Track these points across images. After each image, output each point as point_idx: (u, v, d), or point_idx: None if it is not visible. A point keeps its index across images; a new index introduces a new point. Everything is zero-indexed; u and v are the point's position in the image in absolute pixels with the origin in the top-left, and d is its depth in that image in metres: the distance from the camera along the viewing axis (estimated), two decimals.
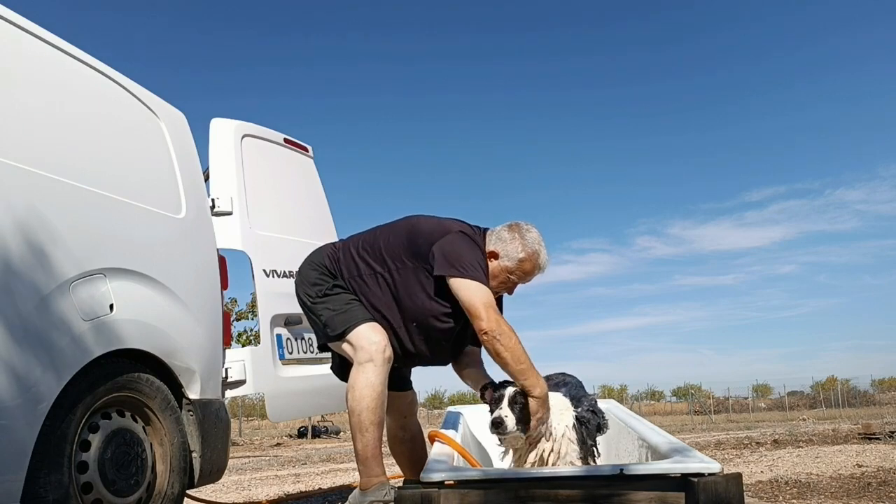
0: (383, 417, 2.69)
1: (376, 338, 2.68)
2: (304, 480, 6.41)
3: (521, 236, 2.77)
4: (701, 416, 33.60)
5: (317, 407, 4.87)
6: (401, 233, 2.82)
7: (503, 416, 2.51)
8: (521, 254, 2.75)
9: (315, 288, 2.84)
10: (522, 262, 2.75)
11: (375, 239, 2.85)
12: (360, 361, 2.66)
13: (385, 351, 2.66)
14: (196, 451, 2.74)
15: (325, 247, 3.01)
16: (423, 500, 2.11)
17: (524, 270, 2.77)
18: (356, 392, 2.63)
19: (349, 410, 2.66)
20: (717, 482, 1.98)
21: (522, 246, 2.75)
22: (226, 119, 3.96)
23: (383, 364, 2.65)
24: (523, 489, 2.11)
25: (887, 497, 3.65)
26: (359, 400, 2.62)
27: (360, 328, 2.71)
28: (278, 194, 4.16)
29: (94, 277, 2.31)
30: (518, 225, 2.81)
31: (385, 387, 2.66)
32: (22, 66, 2.33)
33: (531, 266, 2.77)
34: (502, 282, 2.78)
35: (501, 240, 2.78)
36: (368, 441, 2.63)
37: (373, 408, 2.61)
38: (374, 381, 2.62)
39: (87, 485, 2.22)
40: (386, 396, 2.67)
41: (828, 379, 44.98)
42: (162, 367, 2.61)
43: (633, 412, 3.36)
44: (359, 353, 2.68)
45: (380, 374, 2.63)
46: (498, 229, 2.83)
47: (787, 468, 5.11)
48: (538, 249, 2.77)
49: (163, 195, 2.85)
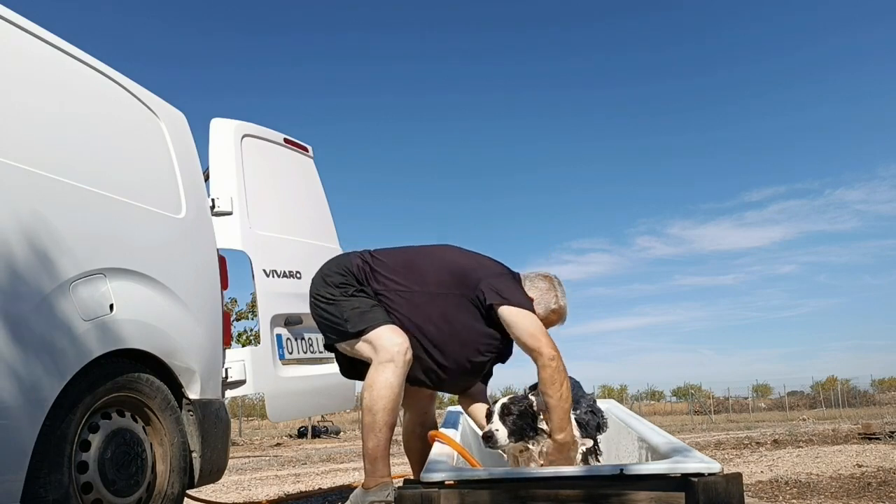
0: (395, 421, 2.70)
1: (398, 339, 2.67)
2: (304, 480, 6.41)
3: (556, 289, 2.91)
4: (701, 416, 33.60)
5: (317, 407, 4.87)
6: (442, 258, 2.90)
7: (493, 430, 2.58)
8: (554, 305, 2.88)
9: (339, 289, 2.82)
10: (553, 312, 2.89)
11: (411, 260, 2.89)
12: (381, 361, 2.65)
13: (406, 353, 2.66)
14: (196, 451, 2.74)
15: (352, 254, 3.00)
16: (424, 499, 2.11)
17: (551, 321, 2.89)
18: (374, 392, 2.62)
19: (364, 408, 2.65)
20: (717, 482, 1.98)
21: (556, 299, 2.89)
22: (226, 119, 3.96)
23: (404, 366, 2.65)
24: (523, 489, 2.11)
25: (887, 497, 3.65)
26: (376, 400, 2.61)
27: (381, 329, 2.70)
28: (278, 194, 4.15)
29: (94, 277, 2.30)
30: (552, 278, 2.95)
31: (402, 389, 2.67)
32: (22, 66, 2.33)
33: (557, 317, 2.92)
34: None
35: (538, 288, 2.89)
36: (380, 441, 2.64)
37: (389, 409, 2.62)
38: (393, 381, 2.62)
39: (87, 485, 2.22)
40: (401, 399, 2.69)
41: (828, 379, 45.05)
42: (162, 367, 2.61)
43: (633, 412, 3.36)
44: (380, 353, 2.67)
45: (399, 375, 2.63)
46: (533, 276, 2.94)
47: (787, 468, 5.11)
48: (565, 304, 2.93)
49: (163, 195, 2.85)
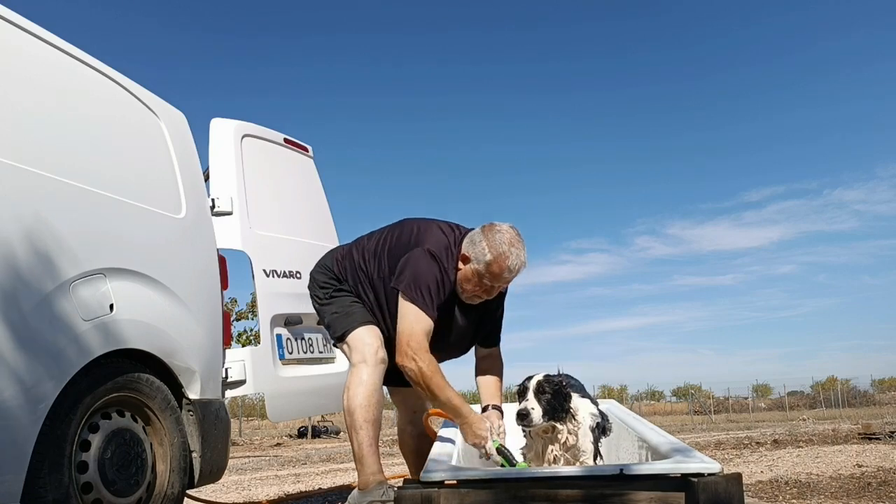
0: (378, 417, 2.73)
1: (369, 340, 2.77)
2: (304, 480, 6.41)
3: (488, 238, 2.66)
4: (701, 416, 33.59)
5: (317, 407, 4.87)
6: (393, 240, 2.87)
7: (529, 408, 2.49)
8: (487, 256, 2.64)
9: (322, 291, 2.96)
10: (490, 264, 2.64)
11: (375, 245, 2.91)
12: (354, 363, 2.76)
13: (377, 353, 2.75)
14: (196, 451, 2.75)
15: (335, 250, 3.11)
16: (423, 499, 2.10)
17: (493, 273, 2.66)
18: (349, 392, 2.71)
19: (344, 411, 2.74)
20: (717, 482, 1.98)
21: (489, 248, 2.64)
22: (226, 119, 3.96)
23: (375, 365, 2.72)
24: (523, 489, 2.11)
25: (887, 497, 3.65)
26: (351, 399, 2.69)
27: (357, 331, 2.80)
28: (278, 194, 4.15)
29: (94, 277, 2.30)
30: (490, 226, 2.71)
31: (378, 387, 2.73)
32: (22, 66, 2.33)
33: (499, 268, 2.64)
34: (476, 285, 2.72)
35: (472, 242, 2.70)
36: (363, 439, 2.67)
37: (365, 405, 2.67)
38: (365, 380, 2.70)
39: (87, 485, 2.22)
40: (380, 396, 2.74)
41: (828, 379, 45.02)
42: (162, 367, 2.61)
43: (633, 412, 3.36)
44: (353, 354, 2.78)
45: (371, 374, 2.71)
46: (473, 231, 2.77)
47: (787, 468, 5.11)
48: (506, 251, 2.63)
49: (163, 195, 2.85)
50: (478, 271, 2.68)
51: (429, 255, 2.70)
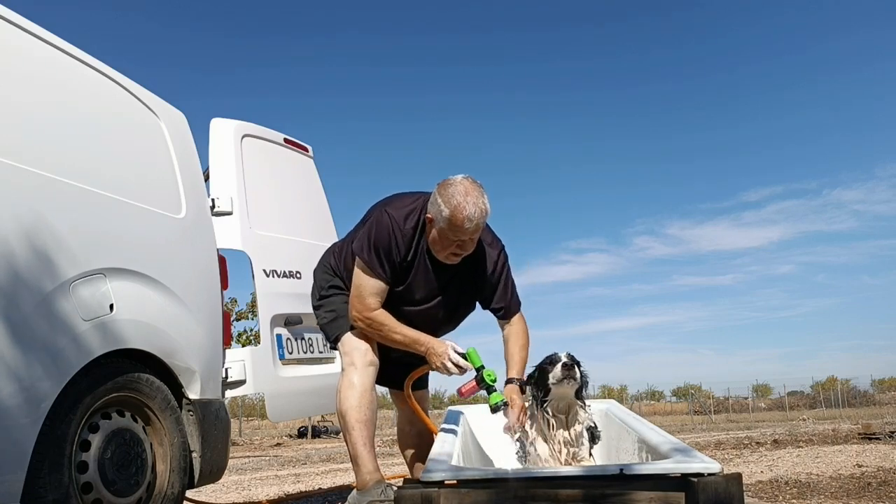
0: (371, 417, 2.74)
1: (357, 343, 2.82)
2: (304, 480, 6.41)
3: (443, 194, 2.58)
4: (701, 416, 33.58)
5: (317, 407, 4.86)
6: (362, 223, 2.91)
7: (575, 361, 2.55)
8: (445, 211, 2.55)
9: (319, 290, 3.01)
10: (449, 219, 2.55)
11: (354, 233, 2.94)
12: (345, 366, 2.82)
13: (366, 355, 2.79)
14: (196, 451, 2.74)
15: (333, 245, 3.15)
16: (423, 499, 2.10)
17: (455, 226, 2.55)
18: (340, 395, 2.76)
19: (337, 414, 2.78)
20: (717, 482, 1.98)
21: (444, 203, 2.55)
22: (226, 119, 3.96)
23: (364, 367, 2.77)
24: (523, 489, 2.11)
25: (887, 497, 3.65)
26: (342, 402, 2.74)
27: (347, 335, 2.85)
28: (278, 194, 4.15)
29: (94, 277, 2.30)
30: (444, 182, 2.62)
31: (368, 388, 2.76)
32: (22, 66, 2.33)
33: (459, 220, 2.53)
34: (446, 246, 2.65)
35: (432, 203, 2.62)
36: (356, 439, 2.70)
37: (356, 406, 2.70)
38: (355, 381, 2.74)
39: (87, 485, 2.21)
40: (372, 397, 2.77)
41: (828, 379, 45.01)
42: (162, 367, 2.61)
43: (633, 412, 3.36)
44: (344, 358, 2.84)
45: (361, 375, 2.75)
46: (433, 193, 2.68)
47: (787, 468, 5.10)
48: (460, 201, 2.52)
49: (163, 195, 2.85)
50: (442, 229, 2.60)
51: (384, 215, 2.72)
